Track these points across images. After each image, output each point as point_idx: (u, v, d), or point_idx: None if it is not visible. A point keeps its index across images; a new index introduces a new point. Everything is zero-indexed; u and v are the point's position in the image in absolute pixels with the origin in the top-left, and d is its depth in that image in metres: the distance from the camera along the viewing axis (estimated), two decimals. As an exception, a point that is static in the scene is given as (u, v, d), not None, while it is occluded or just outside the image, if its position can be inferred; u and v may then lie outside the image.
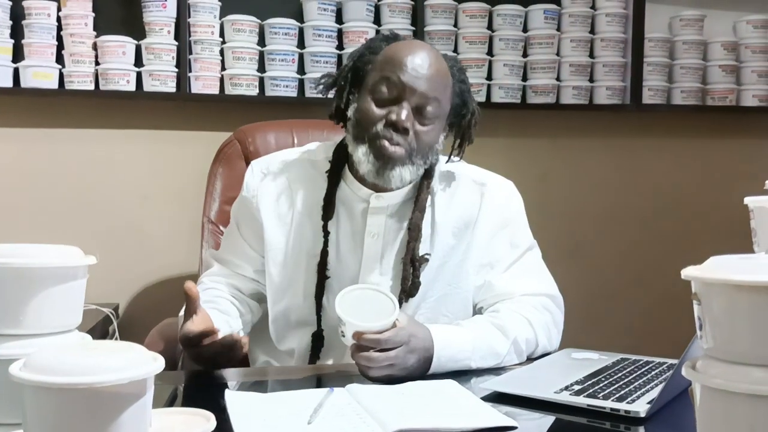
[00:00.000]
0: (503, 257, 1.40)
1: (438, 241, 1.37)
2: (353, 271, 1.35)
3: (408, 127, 1.27)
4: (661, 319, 2.58)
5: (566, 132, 2.63)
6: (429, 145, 1.31)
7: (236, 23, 2.33)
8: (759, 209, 0.96)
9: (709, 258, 0.69)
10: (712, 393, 0.65)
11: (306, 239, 1.36)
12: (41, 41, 2.22)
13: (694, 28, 2.67)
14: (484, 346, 1.25)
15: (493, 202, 1.41)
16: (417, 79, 1.28)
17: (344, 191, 1.37)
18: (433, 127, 1.31)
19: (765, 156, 2.63)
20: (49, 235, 2.28)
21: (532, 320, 1.33)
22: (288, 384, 1.20)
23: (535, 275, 1.41)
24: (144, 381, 0.68)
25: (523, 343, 1.30)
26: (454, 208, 1.39)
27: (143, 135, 2.36)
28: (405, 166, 1.29)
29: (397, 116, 1.26)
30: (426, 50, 1.33)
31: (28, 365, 0.67)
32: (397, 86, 1.28)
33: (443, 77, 1.32)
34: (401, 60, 1.29)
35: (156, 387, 0.71)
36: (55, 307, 0.78)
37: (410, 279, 1.32)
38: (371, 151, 1.28)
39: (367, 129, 1.29)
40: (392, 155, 1.27)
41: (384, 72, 1.30)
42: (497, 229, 1.40)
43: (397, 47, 1.33)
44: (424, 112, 1.29)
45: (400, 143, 1.28)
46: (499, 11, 2.52)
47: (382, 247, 1.35)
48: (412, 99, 1.28)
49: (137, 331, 1.98)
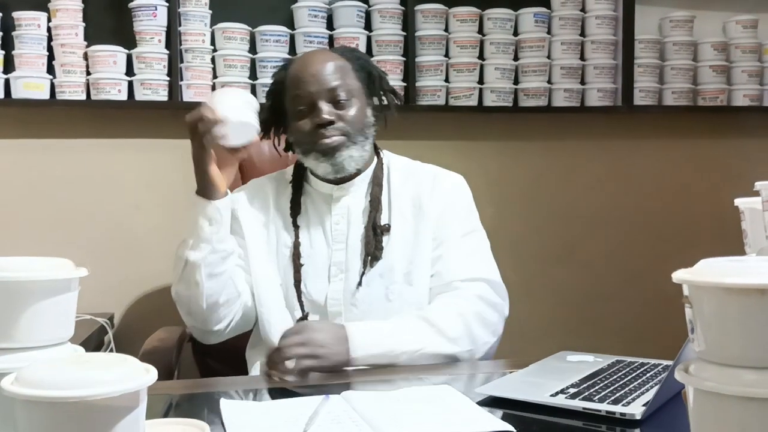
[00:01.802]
0: (451, 234, 1.47)
1: (396, 215, 1.48)
2: (324, 255, 1.46)
3: (333, 119, 1.42)
4: (656, 320, 2.58)
5: (558, 134, 2.64)
6: (359, 119, 1.46)
7: (227, 31, 2.33)
8: (749, 210, 0.97)
9: (701, 260, 0.69)
10: (705, 396, 0.65)
11: (281, 235, 1.49)
12: (32, 52, 2.22)
13: (684, 29, 2.68)
14: (404, 326, 1.35)
15: (443, 186, 1.52)
16: (316, 79, 1.43)
17: (310, 193, 1.52)
18: (353, 106, 1.45)
19: (757, 155, 2.64)
20: (41, 245, 2.28)
21: (463, 311, 1.38)
22: (283, 392, 1.20)
23: (478, 258, 1.48)
24: (137, 393, 0.68)
25: (451, 330, 1.35)
26: (409, 187, 1.51)
27: (135, 144, 2.35)
28: (349, 147, 1.44)
29: (318, 116, 1.42)
30: (315, 54, 1.53)
31: (20, 379, 0.67)
32: (306, 96, 1.44)
33: (337, 65, 1.46)
34: (299, 74, 1.46)
35: (151, 397, 0.71)
36: (47, 320, 0.77)
37: (373, 244, 1.44)
38: (318, 153, 1.44)
39: (305, 141, 1.45)
40: (332, 144, 1.43)
41: (292, 93, 1.46)
42: (447, 208, 1.49)
43: (293, 68, 1.49)
44: (338, 99, 1.44)
45: (333, 134, 1.43)
46: (489, 15, 2.52)
47: (347, 227, 1.47)
48: (322, 96, 1.43)
49: (132, 341, 1.98)
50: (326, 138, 1.42)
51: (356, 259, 1.45)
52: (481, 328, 1.38)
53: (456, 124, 2.52)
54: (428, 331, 1.34)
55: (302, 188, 1.52)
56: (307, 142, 1.44)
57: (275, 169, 1.64)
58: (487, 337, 1.39)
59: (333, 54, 1.50)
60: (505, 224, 2.44)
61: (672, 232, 2.69)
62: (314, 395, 1.06)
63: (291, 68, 1.50)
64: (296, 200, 1.51)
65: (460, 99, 2.49)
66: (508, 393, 1.09)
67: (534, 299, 2.58)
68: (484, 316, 1.40)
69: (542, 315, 2.59)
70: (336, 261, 1.46)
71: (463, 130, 2.53)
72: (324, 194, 1.51)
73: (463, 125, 2.53)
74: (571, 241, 2.65)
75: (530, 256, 2.56)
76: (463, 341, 1.36)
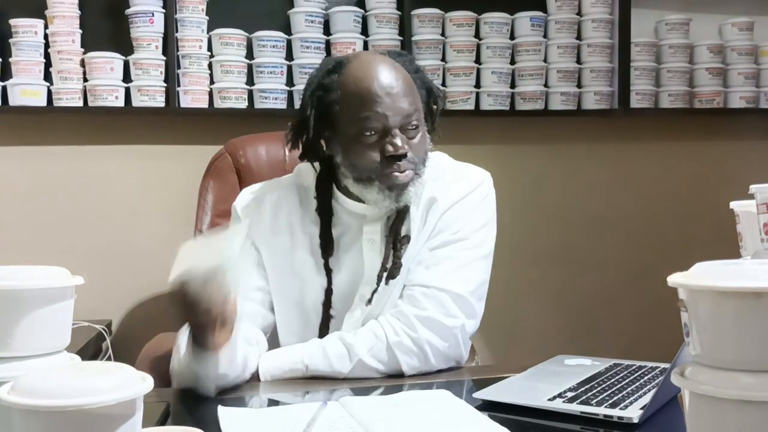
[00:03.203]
0: (439, 240, 1.35)
1: (413, 223, 1.35)
2: (353, 293, 1.34)
3: (407, 151, 1.29)
4: (654, 323, 2.58)
5: (555, 138, 2.64)
6: (424, 150, 1.34)
7: (224, 37, 2.34)
8: (744, 213, 0.97)
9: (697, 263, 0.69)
10: (701, 399, 0.65)
11: (309, 274, 1.35)
12: (29, 59, 2.22)
13: (680, 32, 2.69)
14: (314, 345, 1.28)
15: (450, 195, 1.37)
16: (393, 103, 1.27)
17: (338, 213, 1.37)
18: (422, 133, 1.33)
19: (753, 157, 2.64)
20: (39, 252, 2.28)
21: (379, 333, 1.27)
22: (281, 398, 1.20)
23: (448, 267, 1.33)
24: (133, 401, 0.68)
25: (369, 352, 1.26)
26: (425, 194, 1.36)
27: (133, 150, 2.35)
28: (414, 182, 1.31)
29: (394, 148, 1.27)
30: (382, 66, 1.30)
31: (16, 388, 0.67)
32: (379, 120, 1.27)
33: (409, 85, 1.31)
34: (369, 92, 1.27)
35: (147, 404, 0.71)
36: (43, 328, 0.77)
37: (391, 260, 1.32)
38: (385, 187, 1.29)
39: (371, 169, 1.29)
40: (406, 180, 1.29)
41: (359, 113, 1.28)
42: (446, 213, 1.36)
43: (355, 78, 1.29)
44: (411, 126, 1.30)
45: (407, 167, 1.29)
46: (485, 19, 2.53)
47: (378, 251, 1.34)
48: (396, 122, 1.28)
49: (130, 348, 1.98)
50: (400, 174, 1.28)
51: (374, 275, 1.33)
52: (400, 353, 1.26)
53: (453, 128, 2.50)
54: (341, 352, 1.26)
55: (332, 215, 1.37)
56: (373, 171, 1.28)
57: (274, 174, 1.56)
58: (413, 361, 1.27)
59: (400, 68, 1.32)
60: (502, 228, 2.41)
61: (669, 235, 2.70)
62: (312, 402, 1.06)
63: (348, 75, 1.30)
64: (327, 237, 1.35)
65: (456, 103, 2.49)
66: (506, 397, 1.09)
67: (531, 303, 2.58)
68: (405, 342, 1.27)
69: (539, 319, 2.59)
70: (362, 294, 1.34)
71: (460, 134, 2.53)
72: (355, 213, 1.36)
73: (460, 129, 2.53)
74: (568, 245, 2.65)
75: (527, 259, 2.56)
76: (344, 361, 1.26)
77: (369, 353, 1.26)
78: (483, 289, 1.37)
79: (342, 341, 1.28)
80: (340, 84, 1.31)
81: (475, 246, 1.36)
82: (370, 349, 1.27)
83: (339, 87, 1.30)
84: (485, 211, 1.39)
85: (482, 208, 1.39)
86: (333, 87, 1.31)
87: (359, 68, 1.31)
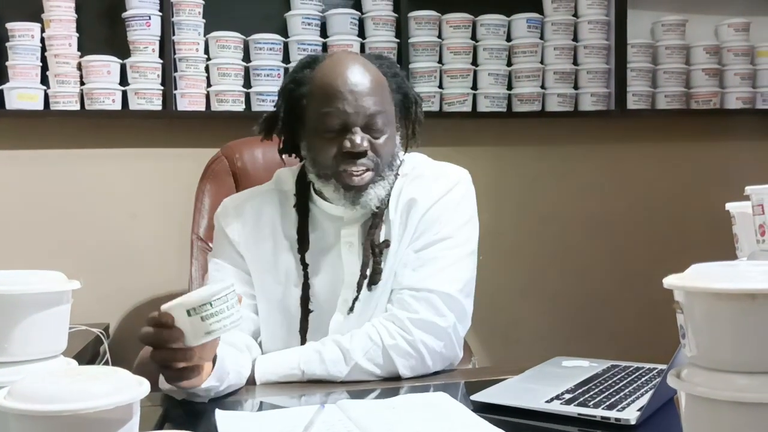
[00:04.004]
0: (423, 241, 1.34)
1: (393, 226, 1.35)
2: (333, 293, 1.34)
3: (365, 149, 1.27)
4: (651, 324, 2.58)
5: (552, 139, 2.64)
6: (390, 153, 1.32)
7: (221, 40, 2.34)
8: (740, 215, 0.97)
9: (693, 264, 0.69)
10: (697, 401, 0.65)
11: (290, 274, 1.35)
12: (25, 63, 2.22)
13: (676, 33, 2.69)
14: (310, 349, 1.28)
15: (431, 194, 1.36)
16: (355, 99, 1.26)
17: (315, 215, 1.38)
18: (387, 136, 1.31)
19: (750, 158, 2.65)
20: (37, 256, 2.27)
21: (374, 336, 1.27)
22: (278, 402, 1.20)
23: (435, 268, 1.32)
24: (129, 406, 0.68)
25: (361, 350, 1.26)
26: (403, 195, 1.36)
27: (130, 153, 2.35)
28: (375, 185, 1.30)
29: (351, 144, 1.26)
30: (352, 64, 1.30)
31: (13, 393, 0.67)
32: (340, 116, 1.27)
33: (379, 85, 1.30)
34: (334, 88, 1.27)
35: (145, 409, 0.71)
36: (39, 333, 0.77)
37: (371, 266, 1.31)
38: (340, 185, 1.29)
39: (327, 165, 1.29)
40: (360, 182, 1.28)
41: (322, 107, 1.28)
42: (428, 214, 1.35)
43: (324, 74, 1.30)
44: (375, 127, 1.29)
45: (363, 167, 1.28)
46: (482, 21, 2.53)
47: (356, 254, 1.34)
48: (358, 121, 1.27)
49: (128, 351, 1.97)
50: (355, 173, 1.27)
51: (354, 281, 1.33)
52: (396, 356, 1.26)
53: (450, 130, 2.53)
54: (336, 354, 1.26)
55: (308, 212, 1.37)
56: (329, 168, 1.29)
57: (270, 178, 1.53)
58: (409, 363, 1.27)
59: (370, 64, 1.32)
60: (499, 229, 2.44)
61: (666, 236, 2.70)
62: (309, 405, 1.05)
63: (319, 71, 1.31)
64: (303, 233, 1.35)
65: (454, 105, 2.50)
66: (504, 399, 1.09)
67: (528, 304, 2.58)
68: (401, 344, 1.26)
69: (537, 320, 2.59)
70: (345, 299, 1.34)
71: (457, 135, 2.53)
72: (332, 216, 1.36)
73: (457, 131, 2.54)
74: (565, 246, 2.65)
75: (524, 261, 2.56)
76: (340, 365, 1.26)
77: (365, 357, 1.26)
78: (471, 286, 1.36)
79: (338, 345, 1.28)
80: (310, 79, 1.32)
81: (459, 244, 1.35)
82: (366, 352, 1.27)
83: (309, 81, 1.32)
84: (466, 209, 1.38)
85: (463, 205, 1.38)
86: (304, 81, 1.32)
87: (330, 65, 1.32)
